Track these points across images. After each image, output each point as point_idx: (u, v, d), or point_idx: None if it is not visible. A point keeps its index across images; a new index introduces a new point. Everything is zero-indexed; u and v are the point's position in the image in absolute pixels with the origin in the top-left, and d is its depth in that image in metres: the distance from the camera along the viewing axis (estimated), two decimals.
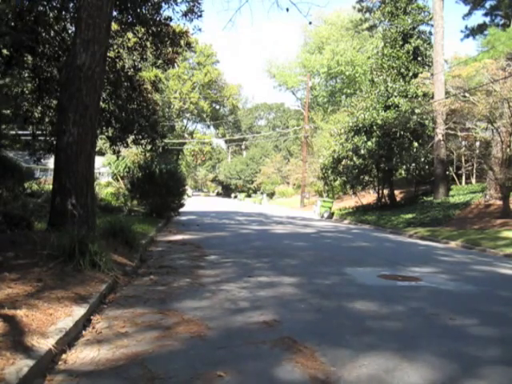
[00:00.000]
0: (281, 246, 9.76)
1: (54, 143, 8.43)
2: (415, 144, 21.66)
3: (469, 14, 29.04)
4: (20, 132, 13.87)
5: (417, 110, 20.64)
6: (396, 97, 21.91)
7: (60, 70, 9.88)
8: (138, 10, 10.92)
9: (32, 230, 7.10)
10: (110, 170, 23.79)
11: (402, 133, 21.34)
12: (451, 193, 21.08)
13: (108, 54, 8.65)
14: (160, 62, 12.09)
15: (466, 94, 17.30)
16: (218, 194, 76.83)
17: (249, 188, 61.36)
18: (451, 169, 23.13)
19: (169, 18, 11.50)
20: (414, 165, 21.26)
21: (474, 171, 23.39)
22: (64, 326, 3.30)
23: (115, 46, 11.45)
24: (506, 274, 7.44)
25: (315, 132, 41.19)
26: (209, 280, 5.74)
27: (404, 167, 21.76)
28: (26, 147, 11.90)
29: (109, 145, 12.86)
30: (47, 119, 11.57)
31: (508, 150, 15.76)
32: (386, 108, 22.11)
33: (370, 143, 21.69)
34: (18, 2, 8.88)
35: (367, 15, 36.46)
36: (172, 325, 3.81)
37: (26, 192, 13.27)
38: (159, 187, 14.80)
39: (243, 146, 73.28)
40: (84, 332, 3.57)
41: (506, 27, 20.66)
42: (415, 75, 22.17)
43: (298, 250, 9.01)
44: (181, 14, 11.65)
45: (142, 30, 11.37)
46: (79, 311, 3.73)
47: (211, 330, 3.69)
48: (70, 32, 10.37)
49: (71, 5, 10.38)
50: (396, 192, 25.19)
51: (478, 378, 2.91)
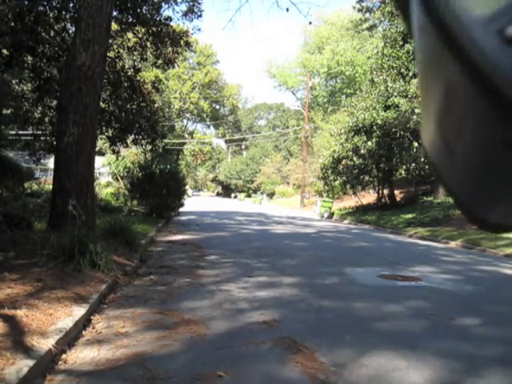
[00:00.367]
0: (281, 246, 9.75)
1: (54, 143, 8.44)
2: (415, 144, 21.63)
3: None
4: (20, 132, 13.87)
5: (417, 110, 20.63)
6: (396, 97, 21.91)
7: (60, 70, 9.88)
8: (138, 10, 10.92)
9: (32, 230, 7.10)
10: (109, 170, 23.76)
11: (402, 133, 21.33)
12: None
13: (108, 54, 8.65)
14: (160, 61, 12.09)
15: None
16: (218, 194, 76.80)
17: (249, 188, 61.32)
18: None
19: (169, 18, 11.51)
20: (413, 165, 21.24)
21: None
22: (64, 326, 3.30)
23: (115, 46, 11.45)
24: (507, 273, 7.44)
25: (315, 132, 41.15)
26: (209, 280, 5.74)
27: (404, 167, 21.74)
28: (26, 147, 11.91)
29: (109, 145, 12.86)
30: (47, 119, 11.57)
31: None
32: (386, 108, 22.11)
33: (369, 143, 21.70)
34: (19, 3, 8.89)
35: (367, 15, 36.43)
36: (172, 325, 3.81)
37: (25, 192, 13.27)
38: (159, 187, 14.79)
39: (243, 146, 73.24)
40: (84, 332, 3.57)
41: None
42: (415, 75, 22.15)
43: (298, 250, 9.01)
44: (181, 14, 11.68)
45: (142, 30, 11.38)
46: (79, 311, 3.73)
47: (211, 330, 3.69)
48: (70, 32, 10.37)
49: (71, 5, 10.38)
50: (396, 192, 25.19)
51: (478, 377, 2.91)
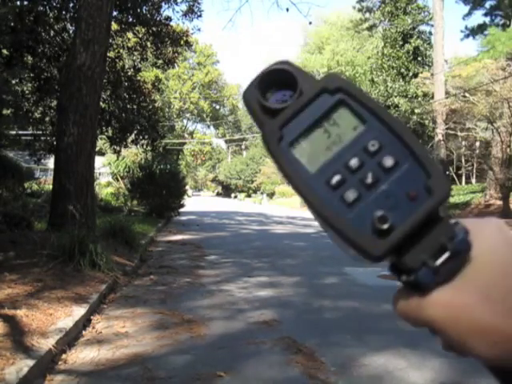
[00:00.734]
0: (281, 245, 9.75)
1: (55, 143, 8.44)
2: None
3: (469, 14, 29.02)
4: (20, 132, 13.86)
5: (417, 110, 20.65)
6: (396, 97, 21.92)
7: (60, 69, 9.88)
8: (138, 9, 10.92)
9: (32, 230, 7.11)
10: (109, 170, 23.73)
11: None
12: (451, 193, 21.05)
13: (108, 54, 8.65)
14: (160, 61, 12.08)
15: (466, 94, 17.28)
16: (218, 194, 76.79)
17: (249, 188, 61.25)
18: (451, 169, 23.14)
19: (169, 18, 11.50)
20: None
21: (474, 171, 23.41)
22: (64, 326, 3.30)
23: (115, 46, 11.44)
24: None
25: None
26: (209, 280, 5.74)
27: None
28: (27, 147, 11.89)
29: (109, 145, 12.86)
30: (47, 119, 11.56)
31: (508, 149, 15.76)
32: (386, 108, 22.11)
33: None
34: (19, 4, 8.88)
35: (367, 15, 36.44)
36: (172, 325, 3.81)
37: (25, 192, 13.26)
38: (159, 187, 14.78)
39: (243, 146, 73.20)
40: (84, 332, 3.57)
41: (506, 27, 20.65)
42: (415, 75, 22.17)
43: (298, 250, 9.01)
44: (181, 14, 11.68)
45: (142, 30, 11.37)
46: (79, 311, 3.73)
47: (211, 330, 3.69)
48: (70, 32, 10.37)
49: (71, 5, 10.38)
50: None
51: (478, 377, 2.90)
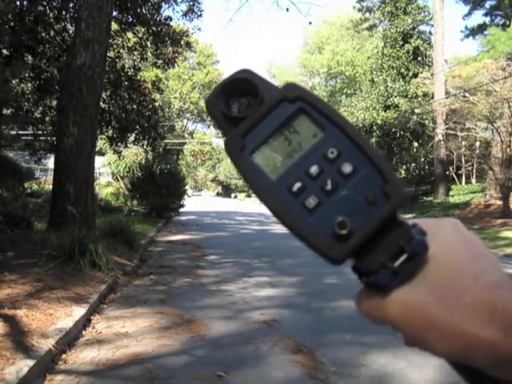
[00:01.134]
0: (281, 245, 9.75)
1: (55, 143, 8.44)
2: (415, 144, 21.66)
3: (469, 14, 29.04)
4: (20, 132, 13.85)
5: (417, 110, 20.64)
6: (396, 97, 21.91)
7: (60, 70, 9.88)
8: (138, 9, 10.92)
9: (32, 230, 7.11)
10: (109, 170, 23.74)
11: (402, 133, 21.34)
12: (451, 193, 21.07)
13: (108, 54, 8.65)
14: (160, 61, 12.08)
15: (466, 94, 17.28)
16: (218, 194, 76.81)
17: (249, 188, 61.20)
18: (451, 169, 23.12)
19: (169, 18, 11.50)
20: (413, 165, 21.28)
21: (474, 171, 23.38)
22: (64, 326, 3.30)
23: (115, 46, 11.44)
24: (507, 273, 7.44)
25: None
26: (209, 280, 5.74)
27: (404, 167, 21.76)
28: (27, 147, 11.89)
29: (109, 145, 12.86)
30: (48, 119, 11.57)
31: (508, 149, 15.76)
32: (386, 108, 22.12)
33: None
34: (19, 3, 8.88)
35: (367, 15, 36.47)
36: (172, 325, 3.81)
37: (25, 192, 13.26)
38: (159, 187, 14.79)
39: None
40: (84, 332, 3.57)
41: (506, 27, 20.65)
42: (415, 75, 22.17)
43: (298, 250, 8.99)
44: (181, 14, 11.67)
45: (142, 29, 11.37)
46: (79, 311, 3.73)
47: (211, 330, 3.69)
48: (70, 32, 10.37)
49: (71, 5, 10.38)
50: None
51: None
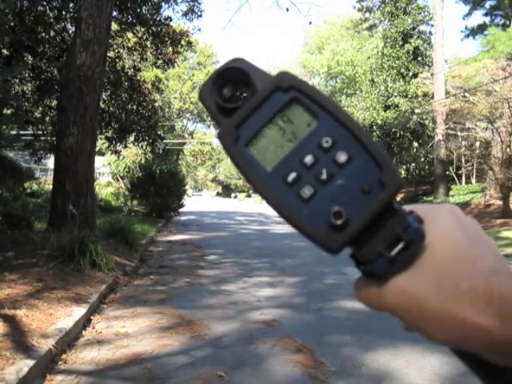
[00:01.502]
0: (281, 246, 9.75)
1: (55, 143, 8.44)
2: (415, 144, 21.65)
3: (469, 14, 29.05)
4: (20, 132, 13.85)
5: (417, 110, 20.64)
6: (396, 97, 21.92)
7: (60, 70, 9.88)
8: (138, 9, 10.92)
9: (32, 230, 7.11)
10: (109, 170, 23.75)
11: (402, 133, 21.35)
12: (451, 193, 21.07)
13: (108, 54, 8.65)
14: (160, 61, 12.08)
15: (466, 94, 17.29)
16: (218, 194, 76.82)
17: (249, 188, 61.28)
18: (451, 169, 23.13)
19: (169, 18, 11.50)
20: (413, 165, 21.28)
21: (474, 171, 23.38)
22: (64, 326, 3.31)
23: (115, 46, 11.44)
24: None
25: None
26: (209, 280, 5.74)
27: (404, 167, 21.77)
28: (27, 147, 11.89)
29: (107, 145, 12.86)
30: (48, 119, 11.57)
31: (508, 149, 15.76)
32: (386, 108, 22.12)
33: None
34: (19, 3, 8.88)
35: (367, 15, 36.50)
36: (172, 325, 3.81)
37: (25, 192, 13.26)
38: (159, 187, 14.79)
39: None
40: (84, 332, 3.57)
41: (506, 27, 20.66)
42: (415, 75, 22.17)
43: (298, 250, 9.00)
44: (181, 14, 11.68)
45: (142, 29, 11.38)
46: (79, 311, 3.73)
47: (211, 330, 3.69)
48: (70, 32, 10.37)
49: (71, 5, 10.38)
50: None
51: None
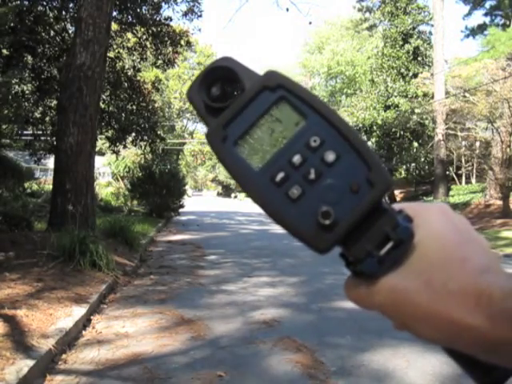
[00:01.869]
0: (281, 245, 9.75)
1: (55, 143, 8.44)
2: (415, 144, 21.65)
3: (469, 14, 29.08)
4: (20, 132, 13.85)
5: (417, 110, 20.65)
6: (396, 97, 21.92)
7: (60, 70, 9.88)
8: (138, 10, 10.93)
9: (32, 230, 7.10)
10: (109, 170, 23.78)
11: (402, 133, 21.35)
12: (451, 193, 21.08)
13: (108, 54, 8.65)
14: (160, 62, 12.09)
15: (466, 94, 17.29)
16: (219, 194, 76.83)
17: None
18: (451, 169, 23.13)
19: (169, 18, 11.51)
20: (413, 165, 21.29)
21: (474, 171, 23.38)
22: (64, 326, 3.31)
23: (115, 46, 11.44)
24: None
25: None
26: (209, 280, 5.74)
27: (404, 167, 21.78)
28: (27, 147, 11.90)
29: (108, 145, 12.87)
30: (48, 119, 11.57)
31: (508, 149, 15.76)
32: (386, 108, 22.13)
33: (369, 143, 21.74)
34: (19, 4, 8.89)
35: (367, 15, 36.50)
36: (172, 325, 3.81)
37: (25, 192, 13.26)
38: (159, 187, 14.79)
39: None
40: (84, 332, 3.57)
41: (506, 27, 20.67)
42: (415, 75, 22.17)
43: (298, 250, 9.00)
44: (181, 14, 11.68)
45: (142, 29, 11.38)
46: (79, 311, 3.73)
47: (211, 330, 3.69)
48: (70, 32, 10.37)
49: (71, 5, 10.39)
50: (396, 192, 25.17)
51: None
